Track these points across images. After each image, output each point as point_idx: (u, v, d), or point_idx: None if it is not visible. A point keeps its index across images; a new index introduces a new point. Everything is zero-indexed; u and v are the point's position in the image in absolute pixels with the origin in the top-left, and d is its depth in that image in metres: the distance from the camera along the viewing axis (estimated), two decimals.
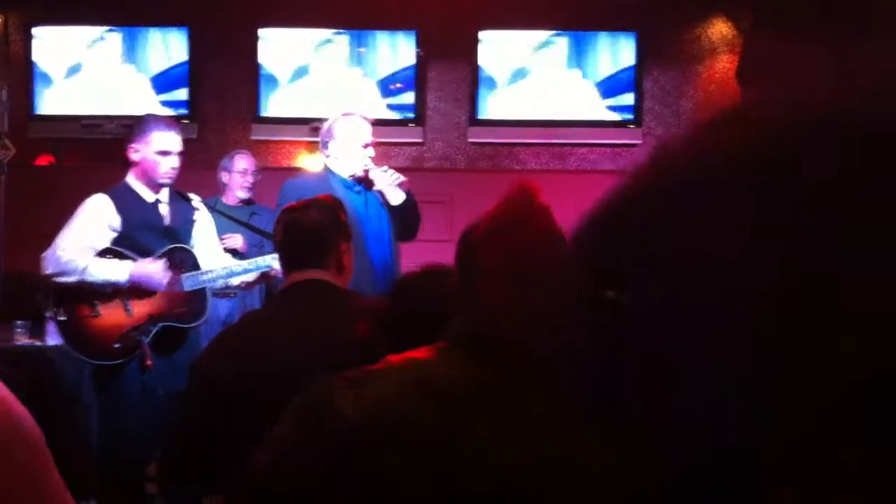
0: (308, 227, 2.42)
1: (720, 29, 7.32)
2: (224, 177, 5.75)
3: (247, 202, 5.68)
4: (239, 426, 2.15)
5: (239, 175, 5.65)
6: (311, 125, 7.14)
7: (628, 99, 7.25)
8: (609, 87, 7.24)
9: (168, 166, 3.81)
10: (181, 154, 3.87)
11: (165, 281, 3.70)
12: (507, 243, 1.45)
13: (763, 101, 0.38)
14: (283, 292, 2.59)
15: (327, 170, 4.27)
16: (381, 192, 4.19)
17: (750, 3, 6.59)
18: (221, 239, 4.40)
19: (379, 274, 4.07)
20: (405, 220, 4.17)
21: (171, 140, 3.81)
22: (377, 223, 4.17)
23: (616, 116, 7.27)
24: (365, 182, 4.24)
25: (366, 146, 4.17)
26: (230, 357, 2.35)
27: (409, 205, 4.18)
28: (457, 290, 1.50)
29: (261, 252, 4.72)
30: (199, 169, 5.73)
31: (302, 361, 2.13)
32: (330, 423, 1.36)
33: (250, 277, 3.97)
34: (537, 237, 1.45)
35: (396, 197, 4.12)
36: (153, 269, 3.71)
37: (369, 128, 4.28)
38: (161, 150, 3.79)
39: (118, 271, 3.69)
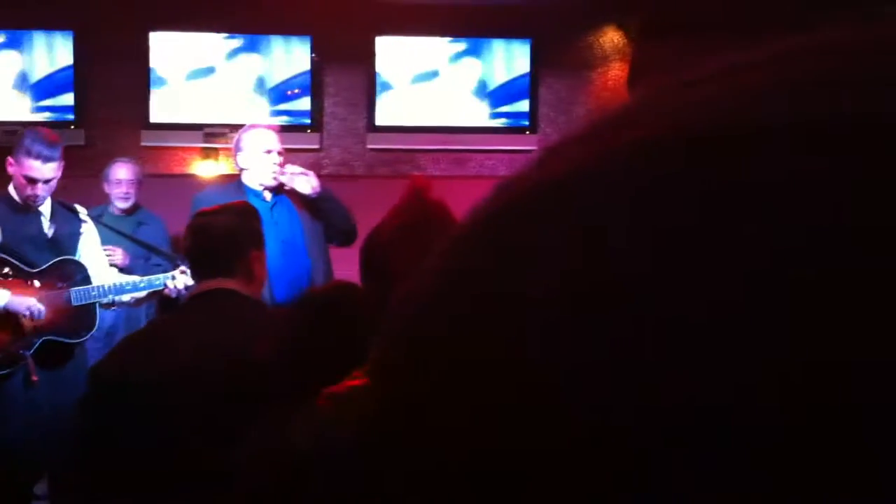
0: (216, 233, 2.35)
1: (612, 37, 7.48)
2: (105, 187, 5.57)
3: (132, 211, 5.49)
4: (134, 435, 2.10)
5: (114, 185, 5.45)
6: (205, 131, 7.01)
7: (523, 105, 7.35)
8: (505, 94, 7.33)
9: (32, 193, 3.69)
10: (49, 181, 3.72)
11: (40, 312, 3.58)
12: (415, 244, 1.43)
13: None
14: (188, 301, 2.54)
15: (239, 181, 4.24)
16: (293, 196, 4.13)
17: (638, 11, 6.77)
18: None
19: (288, 283, 4.02)
20: (326, 217, 4.12)
21: (41, 169, 3.66)
22: (288, 231, 4.12)
23: (511, 123, 7.36)
24: (276, 190, 4.18)
25: (268, 153, 4.12)
26: (129, 364, 2.29)
27: (325, 200, 4.13)
28: (371, 299, 1.47)
29: (146, 264, 4.59)
30: (86, 177, 5.56)
31: (198, 371, 2.09)
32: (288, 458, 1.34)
33: (141, 295, 3.87)
34: (441, 234, 1.44)
35: (306, 186, 4.08)
36: (29, 302, 3.58)
37: (273, 136, 4.24)
38: (28, 176, 3.66)
39: None
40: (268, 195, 4.11)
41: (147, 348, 2.31)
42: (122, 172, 5.54)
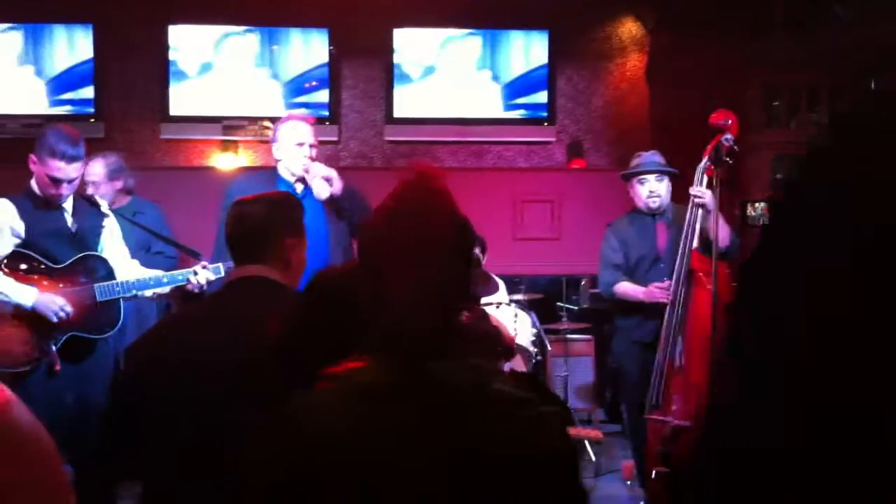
0: (250, 220, 2.37)
1: (629, 28, 7.45)
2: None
3: (129, 200, 5.17)
4: (159, 416, 2.12)
5: (91, 185, 5.05)
6: (223, 123, 7.04)
7: (541, 97, 7.33)
8: (523, 86, 7.31)
9: (56, 192, 3.68)
10: (73, 180, 3.72)
11: (67, 313, 3.59)
12: (410, 231, 1.43)
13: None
14: (223, 287, 2.57)
15: (275, 171, 4.23)
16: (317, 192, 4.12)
17: (655, 3, 6.74)
18: None
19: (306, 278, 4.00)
20: (349, 217, 4.11)
21: (65, 170, 3.65)
22: (311, 225, 4.10)
23: (529, 114, 7.35)
24: (307, 183, 4.18)
25: (300, 145, 4.11)
26: (163, 346, 2.32)
27: (346, 199, 4.11)
28: (366, 288, 1.47)
29: (147, 255, 4.55)
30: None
31: (224, 357, 2.11)
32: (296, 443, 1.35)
33: (164, 290, 3.87)
34: (438, 223, 1.43)
35: (322, 191, 4.07)
36: (58, 303, 3.59)
37: (307, 128, 4.21)
38: (52, 177, 3.66)
39: (23, 295, 3.56)
40: (299, 187, 4.10)
41: (181, 331, 2.34)
42: (95, 169, 4.97)
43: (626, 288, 4.64)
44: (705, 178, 4.28)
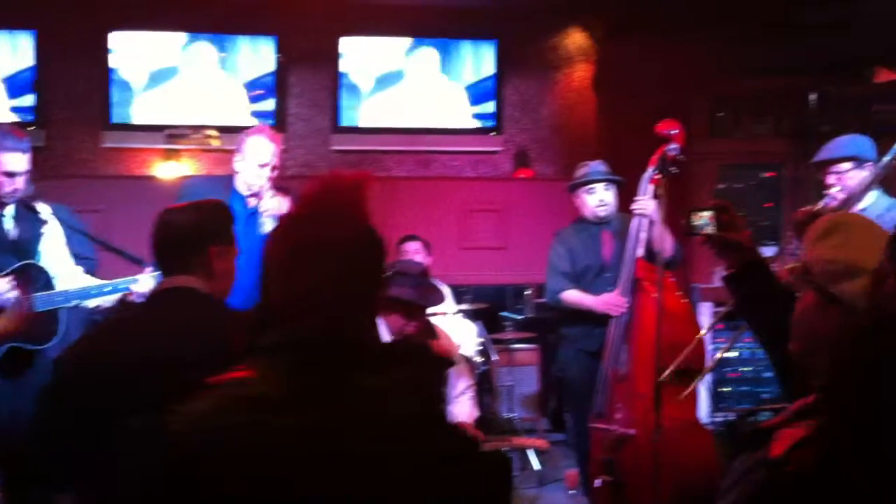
0: (174, 229, 2.30)
1: (577, 39, 7.51)
2: None
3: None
4: (84, 429, 2.08)
5: None
6: (167, 132, 6.93)
7: (489, 107, 7.35)
8: (471, 95, 7.33)
9: (11, 187, 3.63)
10: (25, 173, 3.67)
11: (8, 303, 3.50)
12: (304, 239, 1.41)
13: None
14: (147, 298, 2.52)
15: (231, 179, 4.15)
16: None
17: (603, 14, 6.80)
18: None
19: (238, 296, 3.96)
20: None
21: (16, 161, 3.61)
22: (254, 243, 4.04)
23: (478, 124, 7.37)
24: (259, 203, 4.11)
25: (262, 166, 4.04)
26: (91, 355, 2.27)
27: None
28: (263, 294, 1.45)
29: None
30: (45, 178, 5.46)
31: (144, 369, 2.08)
32: (157, 447, 1.32)
33: (107, 299, 3.79)
34: (337, 230, 1.41)
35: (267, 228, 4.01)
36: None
37: (272, 148, 4.11)
38: (5, 171, 3.60)
39: None
40: (252, 202, 4.05)
41: (106, 342, 2.30)
42: None
43: (575, 296, 4.66)
44: (651, 188, 4.32)
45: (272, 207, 3.98)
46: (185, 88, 7.02)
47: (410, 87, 7.25)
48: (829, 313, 1.58)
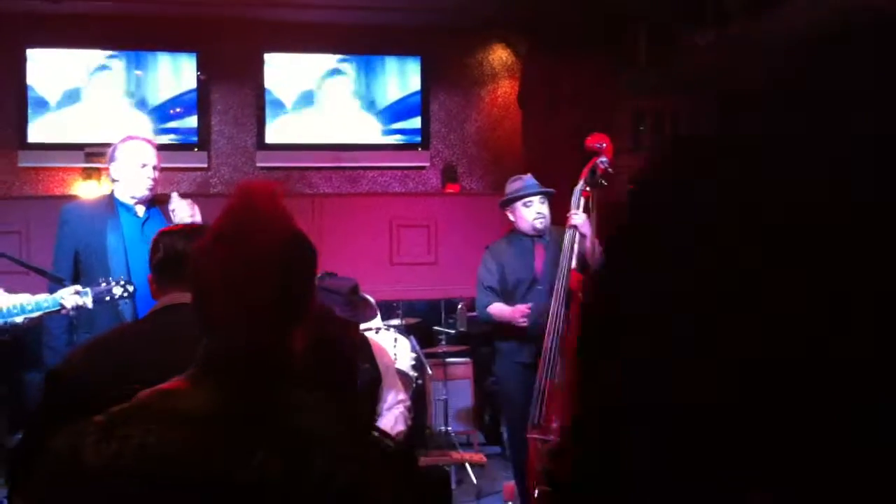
0: (170, 251, 2.38)
1: (500, 55, 7.59)
2: None
3: None
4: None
5: None
6: (86, 150, 6.77)
7: (416, 122, 7.37)
8: (397, 111, 7.33)
9: None
10: None
11: None
12: (228, 253, 1.40)
13: None
14: (151, 312, 2.54)
15: (111, 195, 4.09)
16: (167, 211, 4.01)
17: (525, 31, 6.89)
18: None
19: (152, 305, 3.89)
20: None
21: None
22: None
23: (404, 139, 7.37)
24: (149, 204, 4.06)
25: (143, 166, 4.00)
26: (96, 367, 2.23)
27: None
28: (194, 309, 1.43)
29: None
30: None
31: (153, 376, 2.08)
32: (73, 475, 1.28)
33: (33, 316, 3.67)
34: (260, 242, 1.40)
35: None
36: None
37: (150, 149, 4.09)
38: None
39: None
40: (140, 210, 3.99)
41: (114, 353, 2.28)
42: None
43: (497, 309, 4.70)
44: (582, 201, 4.37)
45: (183, 213, 3.92)
46: (103, 106, 6.86)
47: (336, 103, 7.23)
48: None
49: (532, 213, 4.70)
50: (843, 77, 0.47)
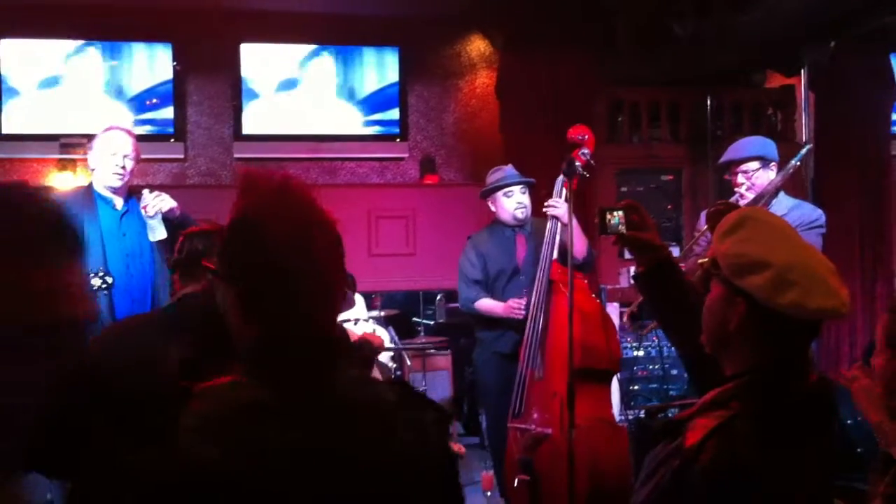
0: (192, 248, 2.66)
1: (478, 46, 7.58)
2: None
3: None
4: (115, 419, 2.03)
5: None
6: (61, 141, 6.70)
7: (394, 114, 7.35)
8: (375, 102, 7.31)
9: None
10: None
11: None
12: (281, 243, 1.38)
13: None
14: (170, 302, 2.68)
15: (89, 186, 4.06)
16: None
17: (503, 22, 6.88)
18: None
19: (131, 299, 3.86)
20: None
21: None
22: (136, 244, 3.95)
23: (383, 130, 7.35)
24: (128, 196, 4.03)
25: (113, 154, 3.96)
26: (122, 350, 2.26)
27: (182, 225, 3.94)
28: (232, 302, 1.42)
29: None
30: None
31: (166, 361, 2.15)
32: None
33: None
34: (309, 232, 1.39)
35: (157, 233, 3.90)
36: None
37: (126, 138, 4.05)
38: None
39: None
40: (118, 202, 3.95)
41: (138, 337, 2.40)
42: None
43: (486, 305, 4.70)
44: (564, 191, 4.37)
45: (156, 205, 3.88)
46: (79, 97, 6.80)
47: (314, 94, 7.19)
48: (735, 306, 1.62)
49: (513, 203, 4.70)
50: None
